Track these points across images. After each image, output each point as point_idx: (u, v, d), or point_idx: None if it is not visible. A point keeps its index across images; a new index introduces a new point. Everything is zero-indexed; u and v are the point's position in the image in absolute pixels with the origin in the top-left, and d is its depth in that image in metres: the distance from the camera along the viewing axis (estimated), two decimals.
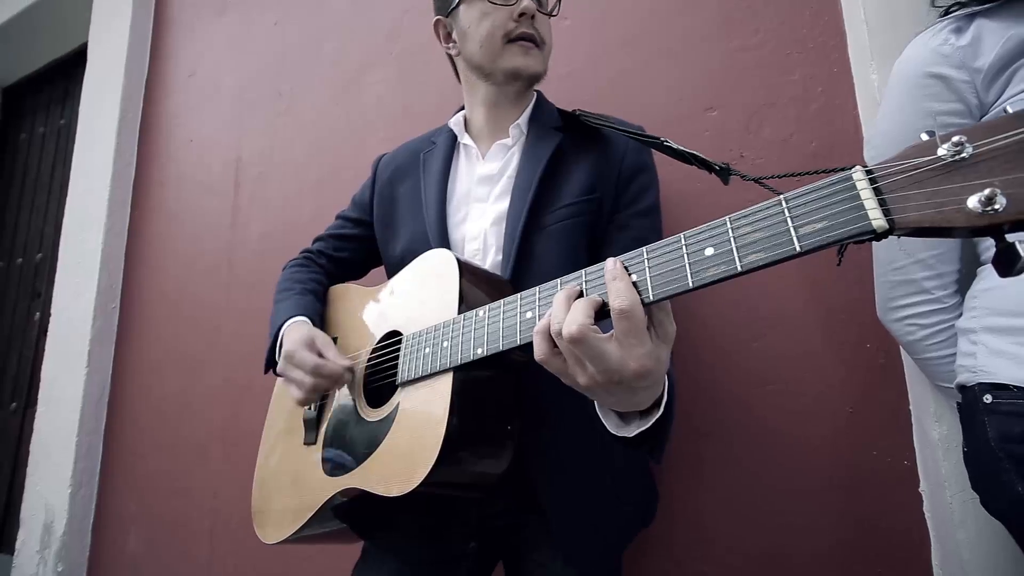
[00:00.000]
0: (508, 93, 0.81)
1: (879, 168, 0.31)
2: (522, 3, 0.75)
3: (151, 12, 1.99)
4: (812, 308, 0.87)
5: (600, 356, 0.42)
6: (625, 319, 0.42)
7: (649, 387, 0.46)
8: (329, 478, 0.71)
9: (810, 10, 0.92)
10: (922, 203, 0.29)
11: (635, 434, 0.51)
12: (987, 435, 0.54)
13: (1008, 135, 0.27)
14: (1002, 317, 0.55)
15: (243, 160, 1.64)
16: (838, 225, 0.33)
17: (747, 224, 0.37)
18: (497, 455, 0.61)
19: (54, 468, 1.77)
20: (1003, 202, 0.26)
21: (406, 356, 0.65)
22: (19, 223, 2.71)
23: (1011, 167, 0.26)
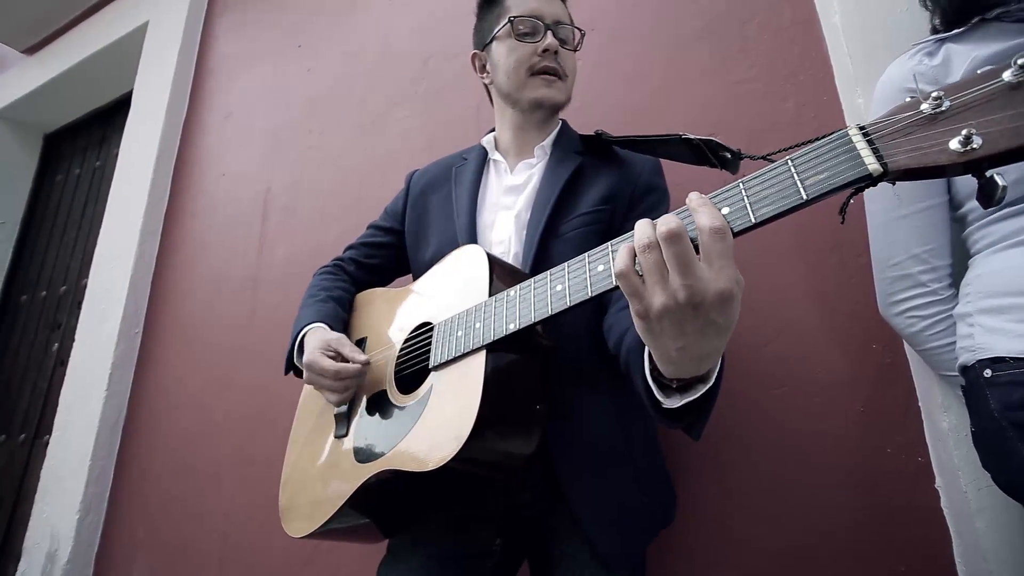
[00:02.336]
0: (533, 119, 0.90)
1: (871, 125, 0.37)
2: (545, 41, 0.84)
3: (193, 62, 2.17)
4: (818, 312, 0.91)
5: (690, 264, 0.41)
6: (719, 239, 0.41)
7: (720, 330, 0.43)
8: (362, 464, 0.73)
9: (798, 47, 1.03)
10: (910, 149, 0.34)
11: (681, 404, 0.50)
12: (990, 408, 0.57)
13: (978, 88, 0.33)
14: (993, 298, 0.59)
15: (272, 191, 1.74)
16: (839, 173, 0.37)
17: (757, 184, 0.42)
18: (526, 434, 0.63)
19: (64, 495, 1.76)
20: (979, 141, 0.31)
21: (438, 341, 0.70)
22: (46, 259, 2.82)
23: (984, 112, 0.32)
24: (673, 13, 1.19)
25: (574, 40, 0.91)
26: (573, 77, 0.91)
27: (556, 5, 0.89)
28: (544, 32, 0.85)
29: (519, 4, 0.87)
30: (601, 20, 1.27)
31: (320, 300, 0.93)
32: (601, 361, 0.73)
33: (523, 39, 0.85)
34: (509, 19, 0.86)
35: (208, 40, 2.18)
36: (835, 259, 0.90)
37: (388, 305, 0.90)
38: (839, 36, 0.93)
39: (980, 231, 0.63)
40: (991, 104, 0.31)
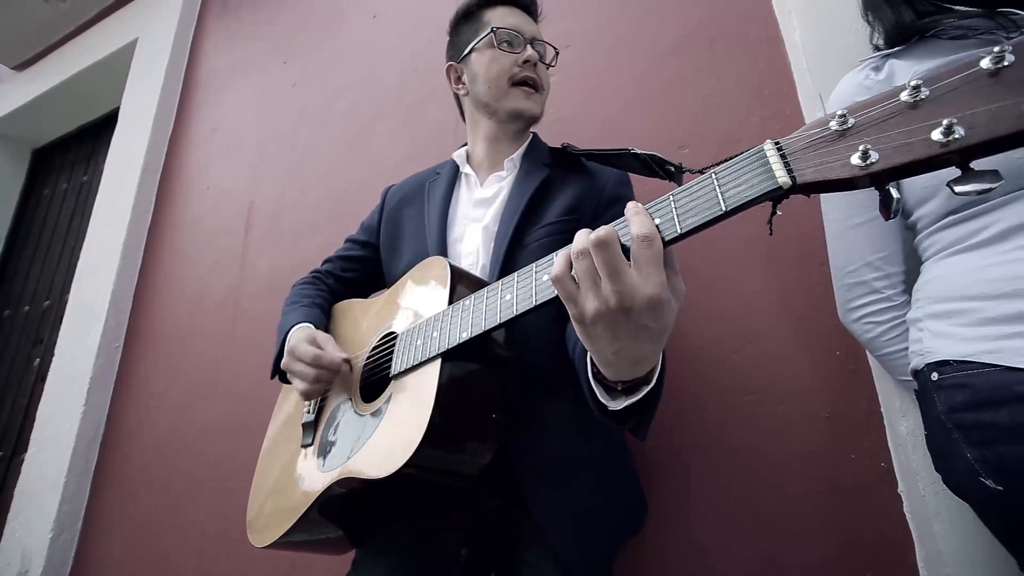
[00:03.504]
0: (508, 131, 0.92)
1: (785, 140, 0.38)
2: (526, 52, 0.88)
3: (180, 77, 2.20)
4: (784, 321, 0.92)
5: (619, 271, 0.42)
6: (647, 246, 0.42)
7: (653, 335, 0.44)
8: (323, 473, 0.73)
9: (763, 63, 1.06)
10: (818, 163, 0.36)
11: (624, 406, 0.51)
12: (937, 411, 0.58)
13: (878, 106, 0.34)
14: (940, 303, 0.61)
15: (255, 205, 1.75)
16: (753, 186, 0.39)
17: (685, 196, 0.43)
18: (482, 443, 0.64)
19: (37, 512, 1.72)
20: (876, 156, 0.33)
21: (399, 350, 0.70)
22: (31, 273, 2.80)
23: (882, 129, 0.34)
24: (646, 30, 1.22)
25: (548, 57, 0.94)
26: (548, 92, 0.94)
27: (533, 25, 0.94)
28: (525, 45, 0.88)
29: (500, 18, 0.90)
30: (578, 36, 1.31)
31: (304, 305, 0.94)
32: (564, 369, 0.74)
33: (503, 49, 0.88)
34: (492, 29, 0.89)
35: (196, 56, 2.21)
36: (800, 269, 0.92)
37: (360, 315, 0.91)
38: (800, 53, 0.97)
39: (929, 238, 0.65)
40: (888, 122, 0.33)
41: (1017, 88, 0.29)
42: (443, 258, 0.74)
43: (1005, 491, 0.51)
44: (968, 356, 0.55)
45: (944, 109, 0.31)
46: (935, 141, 0.31)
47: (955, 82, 0.32)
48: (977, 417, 0.53)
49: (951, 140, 0.30)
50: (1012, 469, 0.50)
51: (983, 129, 0.30)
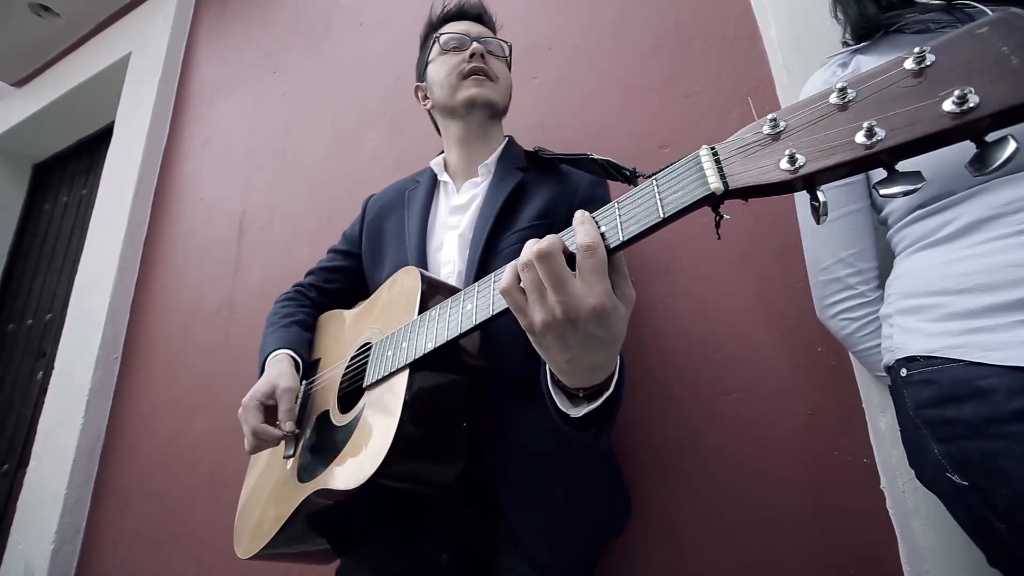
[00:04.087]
0: (473, 126, 0.93)
1: (722, 144, 0.38)
2: (471, 47, 0.90)
3: (173, 90, 2.22)
4: (766, 318, 0.92)
5: (563, 281, 0.42)
6: (589, 255, 0.42)
7: (603, 343, 0.44)
8: (302, 484, 0.74)
9: (742, 61, 1.06)
10: (750, 167, 0.36)
11: (583, 413, 0.51)
12: (907, 406, 0.58)
13: (808, 109, 0.35)
14: (909, 299, 0.61)
15: (247, 214, 1.77)
16: (689, 191, 0.38)
17: (629, 202, 0.44)
18: (452, 451, 0.64)
19: (39, 524, 1.74)
20: (802, 160, 0.33)
21: (372, 361, 0.71)
22: (33, 286, 2.83)
23: (810, 132, 0.34)
24: (626, 31, 1.22)
25: (503, 52, 0.97)
26: (507, 83, 0.96)
27: (480, 28, 0.97)
28: (471, 44, 0.91)
29: (446, 28, 0.95)
30: (559, 40, 1.31)
31: (282, 326, 0.94)
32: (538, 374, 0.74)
33: (451, 52, 0.92)
34: (435, 37, 0.93)
35: (188, 68, 2.23)
36: (779, 265, 0.92)
37: (342, 325, 0.92)
38: (776, 49, 0.97)
39: (899, 233, 0.65)
40: (817, 125, 0.33)
41: (937, 89, 0.29)
42: (415, 268, 0.75)
43: (970, 486, 0.50)
44: (933, 351, 0.55)
45: (869, 111, 0.32)
46: (859, 144, 0.31)
47: (880, 83, 0.32)
48: (943, 413, 0.53)
49: (874, 142, 0.30)
50: (976, 464, 0.50)
51: (903, 131, 0.30)
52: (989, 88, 0.28)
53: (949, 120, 0.28)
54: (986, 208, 0.54)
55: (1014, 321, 0.50)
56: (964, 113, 0.28)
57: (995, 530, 0.48)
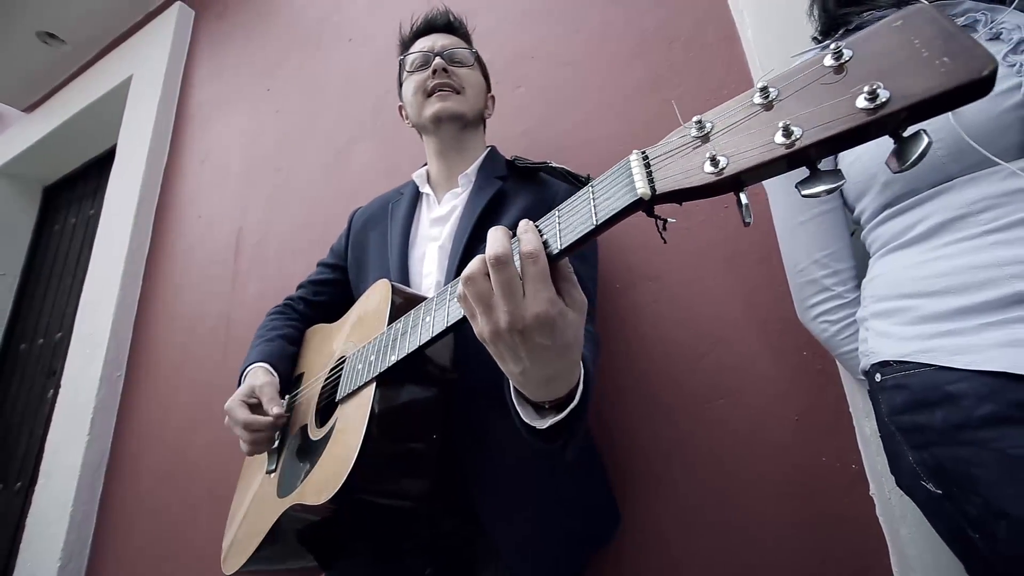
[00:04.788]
0: (446, 139, 0.93)
1: (653, 148, 0.37)
2: (432, 64, 0.91)
3: (172, 111, 2.26)
4: (751, 323, 0.90)
5: (511, 289, 0.42)
6: (531, 263, 0.41)
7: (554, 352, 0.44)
8: (280, 499, 0.74)
9: (722, 63, 1.05)
10: (677, 171, 0.35)
11: (548, 425, 0.50)
12: (882, 412, 0.56)
13: (734, 110, 0.34)
14: (882, 302, 0.59)
15: (244, 230, 1.79)
16: (619, 197, 0.37)
17: (568, 209, 0.42)
18: (420, 464, 0.63)
19: (47, 542, 1.76)
20: (724, 162, 0.32)
21: (345, 375, 0.71)
22: (44, 306, 2.89)
23: (735, 134, 0.33)
24: (608, 37, 1.22)
25: (470, 61, 0.96)
26: (477, 92, 0.96)
27: (444, 39, 0.97)
28: (434, 59, 0.91)
29: (414, 46, 0.96)
30: (541, 48, 1.31)
31: (267, 340, 0.95)
32: None
33: (416, 71, 0.93)
34: (399, 60, 0.95)
35: (186, 89, 2.27)
36: (763, 268, 0.90)
37: (324, 339, 0.92)
38: (753, 51, 0.96)
39: (871, 233, 0.63)
40: (742, 124, 0.32)
41: (852, 85, 0.29)
42: (386, 281, 0.74)
43: (944, 495, 0.48)
44: (905, 356, 0.53)
45: (789, 109, 0.31)
46: (778, 143, 0.30)
47: (802, 80, 0.31)
48: (915, 419, 0.51)
49: (793, 141, 0.29)
50: (948, 472, 0.48)
51: (820, 129, 0.29)
52: (900, 83, 0.27)
53: (864, 116, 0.27)
54: (952, 208, 0.52)
55: (981, 324, 0.48)
56: (877, 109, 0.27)
57: (970, 539, 0.46)
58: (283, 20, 2.00)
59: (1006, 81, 0.49)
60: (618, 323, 1.01)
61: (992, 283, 0.48)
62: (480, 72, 1.01)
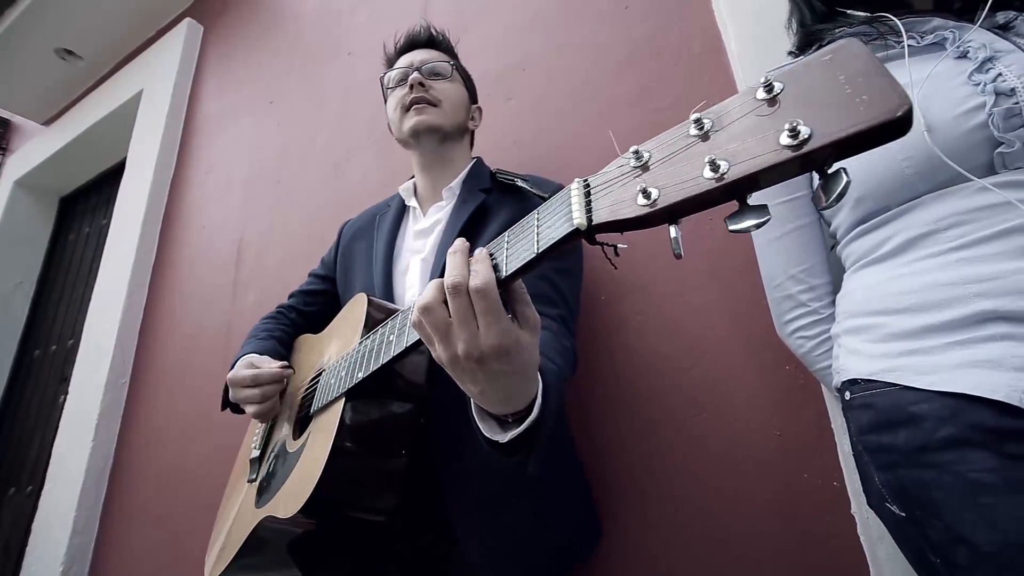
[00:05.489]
0: (427, 153, 0.95)
1: (595, 176, 0.37)
2: (409, 79, 0.92)
3: (180, 124, 2.31)
4: (734, 336, 0.90)
5: (467, 318, 0.42)
6: (480, 298, 0.41)
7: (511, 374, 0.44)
8: (257, 510, 0.75)
9: (708, 74, 1.05)
10: (613, 202, 0.34)
11: (508, 440, 0.50)
12: (851, 431, 0.56)
13: (668, 141, 0.34)
14: (852, 318, 0.59)
15: (244, 240, 1.82)
16: (559, 226, 0.37)
17: (515, 235, 0.42)
18: (388, 479, 0.64)
19: (51, 545, 1.80)
20: (656, 194, 0.33)
21: (320, 388, 0.72)
22: (58, 314, 2.96)
23: (667, 165, 0.33)
24: (597, 49, 1.23)
25: (448, 73, 0.97)
26: (456, 104, 0.96)
27: (425, 54, 0.98)
28: (412, 74, 0.93)
29: (397, 64, 0.98)
30: (532, 61, 1.32)
31: (260, 339, 0.97)
32: None
33: (396, 87, 0.95)
34: (380, 79, 0.97)
35: (194, 102, 2.32)
36: (746, 282, 0.90)
37: (309, 350, 0.93)
38: (736, 62, 0.96)
39: (845, 249, 0.63)
40: (676, 156, 0.33)
41: (779, 120, 0.29)
42: (364, 295, 0.76)
43: (908, 518, 0.48)
44: (872, 374, 0.53)
45: (720, 142, 0.31)
46: (706, 177, 0.30)
47: (736, 112, 0.32)
48: (880, 439, 0.51)
49: (721, 175, 0.30)
50: (912, 495, 0.47)
51: (746, 164, 0.29)
52: (823, 119, 0.27)
53: (788, 153, 0.28)
54: (921, 224, 0.52)
55: (946, 343, 0.47)
56: (799, 145, 0.27)
57: (933, 564, 0.46)
58: (287, 34, 2.04)
59: (972, 100, 0.48)
60: (604, 335, 1.01)
61: (957, 301, 0.48)
62: (462, 84, 1.01)
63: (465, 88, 1.02)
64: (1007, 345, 0.44)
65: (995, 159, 0.47)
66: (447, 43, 1.04)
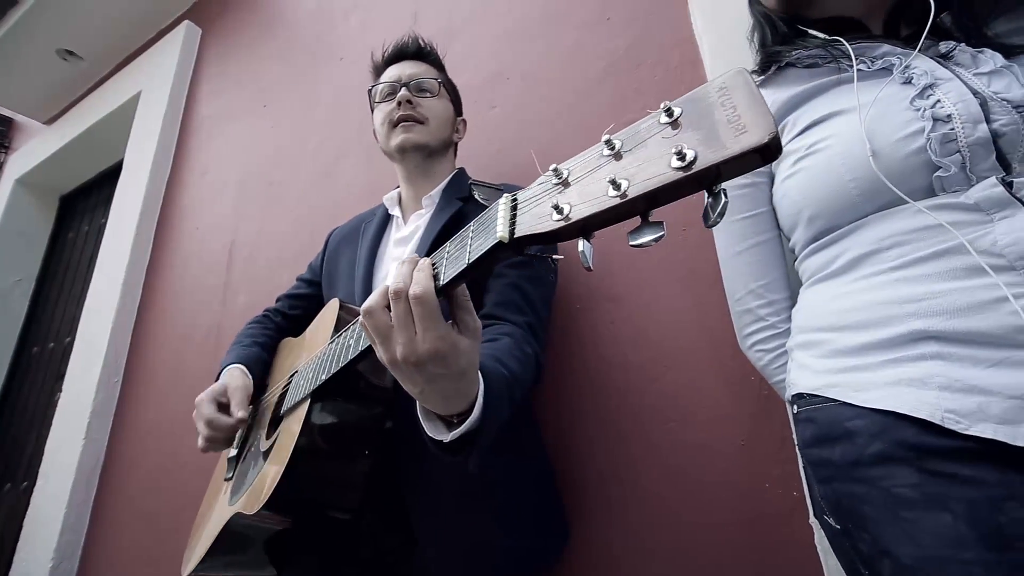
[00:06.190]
0: (411, 167, 0.97)
1: (522, 192, 0.38)
2: (397, 96, 0.93)
3: (177, 125, 2.34)
4: (704, 346, 0.91)
5: (407, 323, 0.43)
6: (417, 304, 0.43)
7: (449, 377, 0.46)
8: (228, 507, 0.76)
9: (685, 86, 1.06)
10: (534, 217, 0.35)
11: (450, 439, 0.51)
12: (797, 444, 0.56)
13: (583, 158, 0.35)
14: (803, 333, 0.59)
15: (236, 242, 1.84)
16: (486, 240, 0.38)
17: (453, 245, 0.44)
18: (352, 477, 0.65)
19: (41, 542, 1.82)
20: (568, 209, 0.34)
21: (292, 389, 0.73)
22: (56, 312, 2.99)
23: (585, 184, 0.34)
24: (579, 59, 1.24)
25: (436, 90, 0.98)
26: (442, 121, 0.98)
27: (413, 67, 0.99)
28: (400, 90, 0.94)
29: (384, 75, 0.99)
30: (516, 69, 1.34)
31: (244, 345, 0.99)
32: None
33: (383, 101, 0.96)
34: (368, 90, 0.97)
35: (191, 104, 2.35)
36: (717, 293, 0.90)
37: (289, 353, 0.95)
38: (711, 75, 0.97)
39: (801, 265, 0.64)
40: (592, 174, 0.34)
41: (675, 142, 0.30)
42: (337, 300, 0.77)
43: (842, 530, 0.49)
44: (816, 389, 0.53)
45: (627, 162, 0.32)
46: (611, 196, 0.31)
47: (643, 134, 0.33)
48: (820, 453, 0.51)
49: (624, 192, 0.31)
50: (845, 509, 0.48)
51: (644, 183, 0.30)
52: (708, 143, 0.28)
53: (679, 173, 0.29)
54: (866, 243, 0.53)
55: (882, 361, 0.48)
56: (688, 167, 0.28)
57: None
58: (282, 37, 2.06)
59: (913, 125, 0.49)
60: (578, 343, 1.02)
61: (893, 320, 0.48)
62: (448, 99, 1.03)
63: (451, 102, 1.04)
64: (935, 364, 0.45)
65: (934, 182, 0.48)
66: (435, 55, 1.05)
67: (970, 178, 0.47)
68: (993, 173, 0.46)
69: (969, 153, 0.46)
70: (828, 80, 0.58)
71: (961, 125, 0.46)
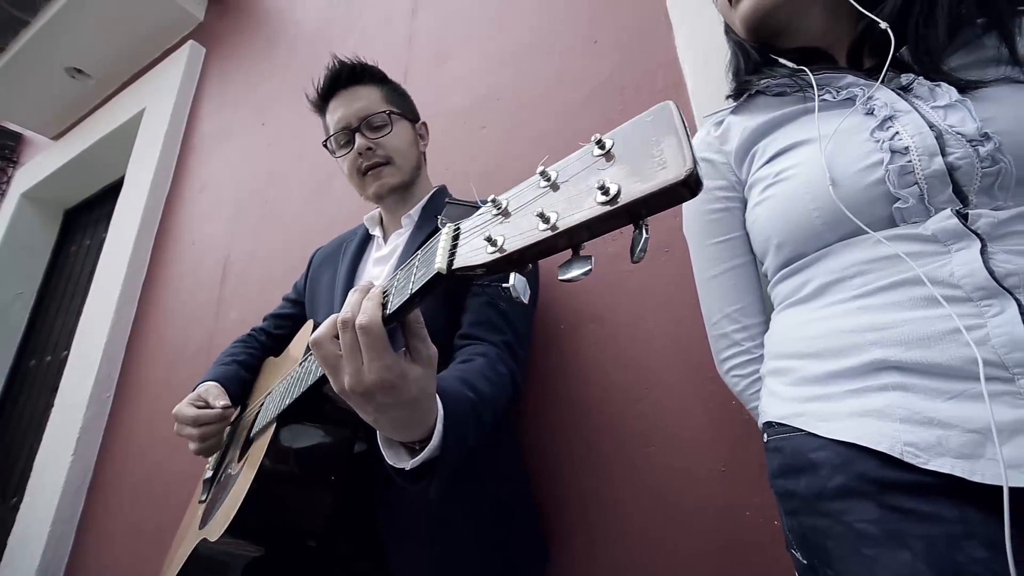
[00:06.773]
0: (390, 203, 0.98)
1: (465, 223, 0.38)
2: (355, 144, 0.90)
3: (178, 142, 2.38)
4: (684, 369, 0.90)
5: (355, 353, 0.43)
6: (364, 334, 0.42)
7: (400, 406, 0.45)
8: (198, 531, 0.75)
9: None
10: (470, 248, 0.35)
11: (410, 467, 0.50)
12: (768, 474, 0.55)
13: (521, 190, 0.35)
14: (774, 360, 0.59)
15: (230, 258, 1.85)
16: (428, 270, 0.38)
17: (402, 273, 0.43)
18: (317, 503, 0.64)
19: (25, 559, 1.80)
20: (501, 241, 0.33)
21: (262, 412, 0.73)
22: (54, 326, 3.01)
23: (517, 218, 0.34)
24: (565, 81, 1.25)
25: (388, 120, 0.92)
26: (406, 151, 0.95)
27: (360, 100, 0.92)
28: (353, 135, 0.91)
29: (330, 120, 0.94)
30: (506, 91, 1.35)
31: (223, 364, 0.98)
32: None
33: (342, 152, 0.93)
34: (324, 143, 0.95)
35: (193, 122, 2.39)
36: (695, 315, 0.89)
37: (269, 373, 0.94)
38: (693, 98, 0.97)
39: (773, 290, 0.63)
40: (529, 206, 0.33)
41: (605, 175, 0.30)
42: (311, 321, 0.77)
43: (808, 564, 0.47)
44: (783, 418, 0.52)
45: (561, 194, 0.32)
46: (541, 229, 0.31)
47: (577, 166, 0.33)
48: (787, 484, 0.50)
49: (554, 224, 0.31)
50: (810, 543, 0.46)
51: (571, 216, 0.30)
52: (633, 177, 0.28)
53: (605, 207, 0.28)
54: (832, 271, 0.52)
55: (845, 391, 0.47)
56: (612, 201, 0.28)
57: None
58: (282, 57, 2.10)
59: (872, 156, 0.49)
60: (562, 364, 1.01)
61: (856, 349, 0.47)
62: (403, 118, 0.96)
63: (406, 120, 0.97)
64: (897, 395, 0.44)
65: (894, 213, 0.48)
66: (369, 70, 0.95)
67: (929, 209, 0.46)
68: (950, 205, 0.46)
69: (927, 185, 0.46)
70: (796, 109, 0.58)
71: (918, 158, 0.46)
